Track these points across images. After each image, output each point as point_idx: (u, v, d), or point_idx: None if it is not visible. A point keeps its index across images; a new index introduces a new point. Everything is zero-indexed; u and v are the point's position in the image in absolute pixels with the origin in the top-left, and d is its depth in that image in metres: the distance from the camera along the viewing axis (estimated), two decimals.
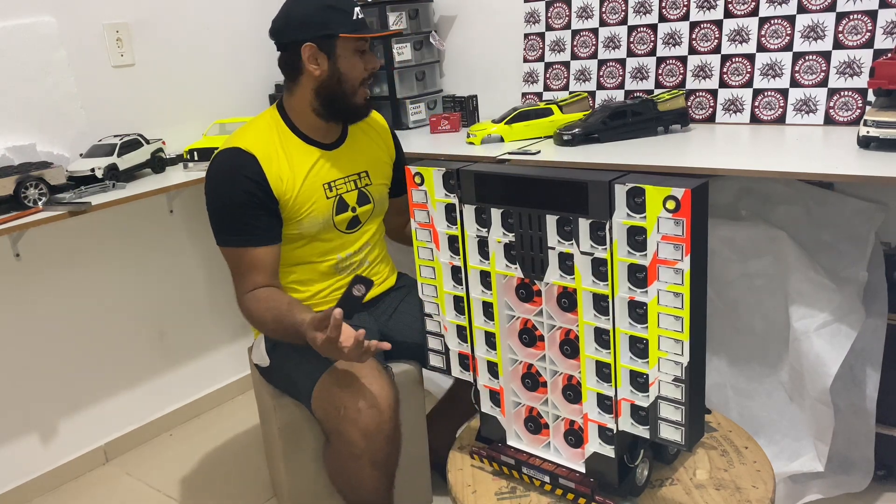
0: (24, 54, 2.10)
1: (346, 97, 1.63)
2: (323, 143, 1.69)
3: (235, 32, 2.60)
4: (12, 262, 2.14)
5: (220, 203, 1.60)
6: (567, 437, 1.26)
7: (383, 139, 1.83)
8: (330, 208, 1.67)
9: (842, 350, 1.63)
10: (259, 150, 1.59)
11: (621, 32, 2.25)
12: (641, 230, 1.02)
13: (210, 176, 1.62)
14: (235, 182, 1.56)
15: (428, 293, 1.33)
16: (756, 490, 1.22)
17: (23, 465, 2.24)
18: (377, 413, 1.47)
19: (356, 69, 1.62)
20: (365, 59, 1.63)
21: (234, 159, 1.58)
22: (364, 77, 1.64)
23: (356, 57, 1.62)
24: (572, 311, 1.17)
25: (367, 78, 1.64)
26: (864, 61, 1.86)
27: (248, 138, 1.61)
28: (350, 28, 1.59)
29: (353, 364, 1.54)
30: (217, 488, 2.24)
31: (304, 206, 1.62)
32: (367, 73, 1.64)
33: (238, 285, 1.64)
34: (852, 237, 1.80)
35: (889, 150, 1.57)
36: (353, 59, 1.61)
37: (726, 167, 1.63)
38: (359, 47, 1.61)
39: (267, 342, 1.73)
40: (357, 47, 1.61)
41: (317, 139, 1.68)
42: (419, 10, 2.57)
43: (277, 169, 1.59)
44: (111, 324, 2.41)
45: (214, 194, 1.60)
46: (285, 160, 1.62)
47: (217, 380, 2.73)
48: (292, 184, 1.61)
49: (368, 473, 1.52)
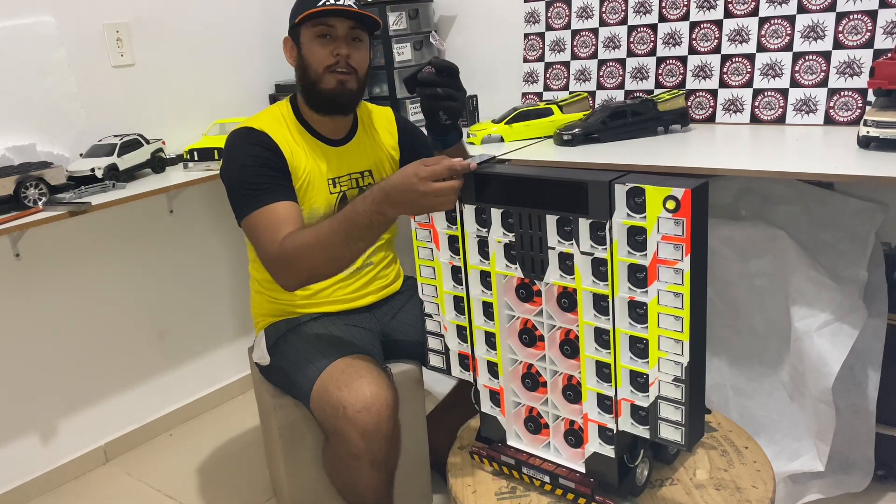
0: (24, 54, 2.10)
1: (313, 85, 1.60)
2: (330, 140, 1.69)
3: (236, 32, 2.60)
4: (12, 262, 2.14)
5: (239, 170, 1.55)
6: (567, 437, 1.26)
7: (390, 134, 1.79)
8: (332, 204, 1.66)
9: (843, 349, 1.63)
10: (272, 132, 1.60)
11: (621, 32, 2.25)
12: (641, 230, 1.02)
13: (226, 152, 1.61)
14: (252, 149, 1.56)
15: (428, 293, 1.33)
16: (756, 490, 1.22)
17: (23, 465, 2.24)
18: (376, 413, 1.47)
19: (317, 55, 1.58)
20: (329, 45, 1.58)
21: (249, 133, 1.59)
22: (329, 63, 1.58)
23: (315, 43, 1.58)
24: (572, 311, 1.17)
25: (332, 64, 1.58)
26: (864, 61, 1.86)
27: (261, 122, 1.62)
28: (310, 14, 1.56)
29: (352, 364, 1.53)
30: (217, 488, 2.24)
31: (307, 195, 1.63)
32: (332, 58, 1.58)
33: (266, 244, 1.48)
34: (852, 237, 1.80)
35: (889, 150, 1.57)
36: (313, 45, 1.58)
37: (726, 167, 1.63)
38: (318, 32, 1.57)
39: (268, 340, 1.72)
40: (316, 33, 1.58)
41: (324, 134, 1.68)
42: (419, 10, 2.57)
43: (290, 150, 1.61)
44: (111, 324, 2.41)
45: (231, 165, 1.58)
46: (296, 146, 1.63)
47: (217, 380, 2.73)
48: (301, 169, 1.62)
49: (367, 473, 1.51)
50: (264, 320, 1.77)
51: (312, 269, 1.44)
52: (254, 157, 1.55)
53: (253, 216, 1.51)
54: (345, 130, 1.72)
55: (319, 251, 1.39)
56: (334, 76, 1.59)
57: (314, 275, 1.46)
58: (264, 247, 1.48)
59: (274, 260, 1.46)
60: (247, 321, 2.74)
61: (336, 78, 1.59)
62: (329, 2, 1.55)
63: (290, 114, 1.67)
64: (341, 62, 1.58)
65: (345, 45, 1.59)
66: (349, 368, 1.53)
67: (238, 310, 2.75)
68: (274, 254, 1.45)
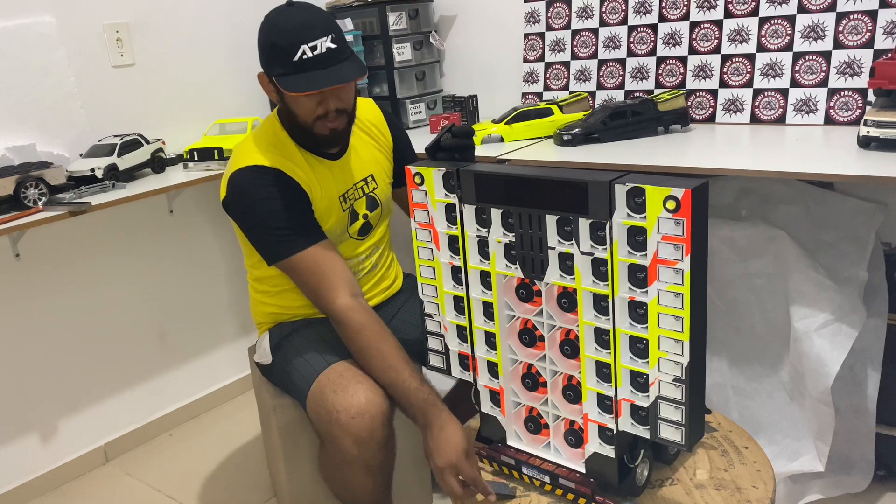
0: (24, 54, 2.10)
1: (302, 129, 1.53)
2: (329, 154, 1.62)
3: (235, 32, 2.59)
4: (12, 262, 2.14)
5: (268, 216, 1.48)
6: (567, 438, 1.26)
7: (381, 134, 1.74)
8: (346, 220, 1.63)
9: (843, 350, 1.63)
10: (280, 165, 1.52)
11: (621, 32, 2.25)
12: (641, 230, 1.02)
13: (240, 198, 1.51)
14: (274, 191, 1.48)
15: (428, 293, 1.33)
16: (756, 490, 1.22)
17: (23, 465, 2.24)
18: (369, 420, 1.44)
19: (304, 107, 1.49)
20: (316, 98, 1.47)
21: (260, 173, 1.50)
22: (318, 115, 1.49)
23: (302, 98, 1.47)
24: (572, 311, 1.17)
25: (322, 115, 1.50)
26: (864, 61, 1.86)
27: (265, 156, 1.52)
28: (288, 70, 1.43)
29: (349, 368, 1.52)
30: (217, 488, 2.24)
31: (325, 223, 1.58)
32: (321, 110, 1.49)
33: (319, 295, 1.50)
34: (852, 237, 1.80)
35: (889, 150, 1.57)
36: (299, 100, 1.48)
37: (726, 167, 1.63)
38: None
39: (272, 340, 1.71)
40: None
41: (323, 149, 1.61)
42: (419, 10, 2.57)
43: (307, 184, 1.55)
44: (111, 324, 2.41)
45: (256, 211, 1.49)
46: (304, 174, 1.56)
47: (217, 380, 2.73)
48: (319, 199, 1.57)
49: (362, 479, 1.50)
50: (266, 322, 1.76)
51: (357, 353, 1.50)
52: (278, 199, 1.48)
53: (293, 261, 1.50)
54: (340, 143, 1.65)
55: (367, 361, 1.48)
56: (325, 124, 1.52)
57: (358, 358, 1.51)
58: (316, 294, 1.51)
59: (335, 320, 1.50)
60: (247, 321, 2.74)
61: (328, 126, 1.52)
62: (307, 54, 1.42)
63: (284, 135, 1.58)
64: (331, 114, 1.51)
65: (333, 98, 1.49)
66: (346, 372, 1.51)
67: (238, 310, 2.75)
68: (333, 313, 1.49)
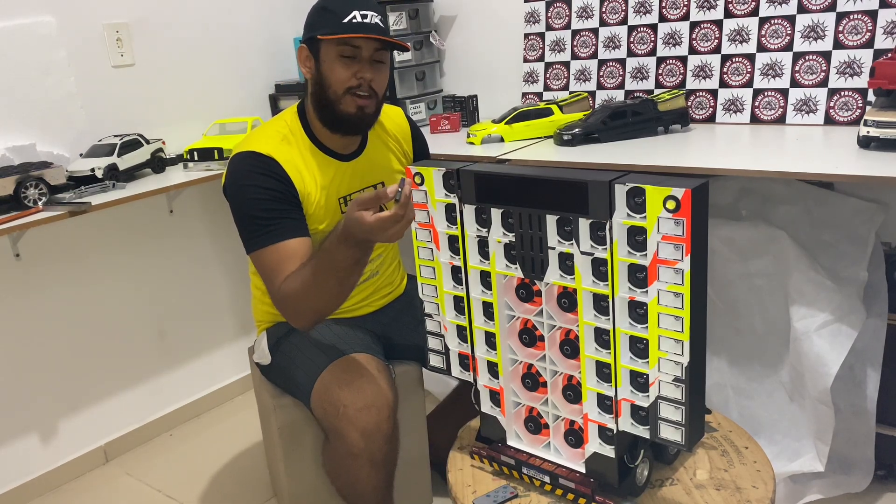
0: (24, 54, 2.10)
1: (331, 104, 1.54)
2: (341, 155, 1.63)
3: (236, 32, 2.60)
4: (12, 262, 2.14)
5: (248, 203, 1.51)
6: (567, 438, 1.26)
7: (402, 142, 1.75)
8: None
9: (842, 350, 1.63)
10: (280, 156, 1.53)
11: (621, 32, 2.25)
12: (641, 230, 1.02)
13: (231, 176, 1.54)
14: (261, 180, 1.50)
15: (428, 293, 1.33)
16: (756, 490, 1.22)
17: (23, 465, 2.24)
18: (376, 413, 1.47)
19: (338, 75, 1.51)
20: (353, 67, 1.51)
21: (256, 160, 1.52)
22: (350, 85, 1.52)
23: (339, 63, 1.51)
24: (572, 311, 1.17)
25: (354, 87, 1.52)
26: (864, 61, 1.86)
27: (268, 144, 1.54)
28: (334, 30, 1.48)
29: (353, 363, 1.53)
30: (217, 488, 2.24)
31: (320, 223, 1.58)
32: (355, 81, 1.51)
33: (270, 285, 1.50)
34: (852, 237, 1.80)
35: (889, 150, 1.57)
36: (335, 64, 1.51)
37: (726, 167, 1.63)
38: (342, 52, 1.50)
39: (269, 339, 1.72)
40: (340, 52, 1.50)
41: (335, 150, 1.62)
42: (419, 10, 2.57)
43: (300, 178, 1.55)
44: (111, 323, 2.40)
45: (239, 195, 1.52)
46: (306, 170, 1.57)
47: (217, 380, 2.73)
48: (312, 195, 1.57)
49: (367, 473, 1.52)
50: (265, 322, 1.77)
51: (315, 311, 1.47)
52: (263, 188, 1.50)
53: (261, 253, 1.50)
54: (356, 144, 1.66)
55: (315, 295, 1.43)
56: (354, 100, 1.53)
57: (320, 314, 1.48)
58: (269, 287, 1.51)
59: (279, 304, 1.49)
60: (247, 321, 2.74)
61: (356, 102, 1.53)
62: (356, 19, 1.48)
63: (298, 128, 1.60)
64: (364, 85, 1.53)
65: (369, 69, 1.52)
66: (350, 367, 1.53)
67: (238, 310, 2.75)
68: (277, 298, 1.48)
